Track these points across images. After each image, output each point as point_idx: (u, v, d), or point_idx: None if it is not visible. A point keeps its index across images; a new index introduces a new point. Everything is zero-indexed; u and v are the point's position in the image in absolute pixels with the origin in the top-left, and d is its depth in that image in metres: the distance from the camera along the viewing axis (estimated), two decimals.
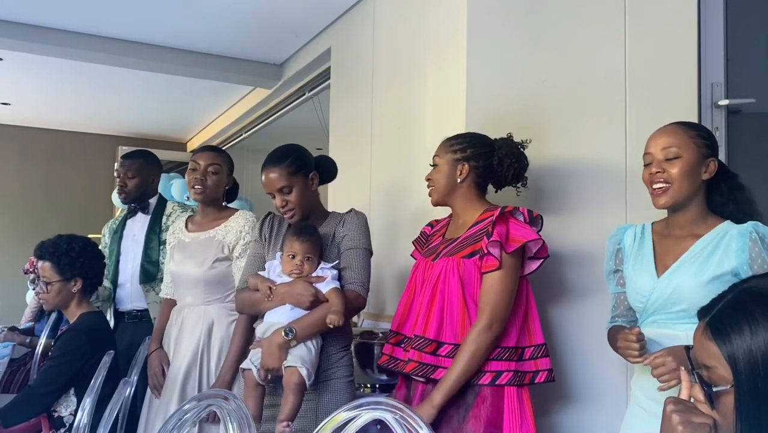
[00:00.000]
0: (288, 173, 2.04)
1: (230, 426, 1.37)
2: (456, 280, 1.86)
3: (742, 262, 1.58)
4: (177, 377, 2.41)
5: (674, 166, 1.65)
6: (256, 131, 5.90)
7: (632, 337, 1.59)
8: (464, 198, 2.00)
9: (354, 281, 2.03)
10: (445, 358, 1.85)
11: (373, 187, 3.28)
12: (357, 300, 2.02)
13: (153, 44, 4.44)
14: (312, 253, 2.02)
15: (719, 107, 2.36)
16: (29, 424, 2.42)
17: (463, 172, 1.98)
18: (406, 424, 1.25)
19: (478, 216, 1.96)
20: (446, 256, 1.93)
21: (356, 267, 2.05)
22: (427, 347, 1.86)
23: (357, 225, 2.11)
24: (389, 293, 3.02)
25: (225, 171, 2.54)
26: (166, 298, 2.63)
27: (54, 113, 6.39)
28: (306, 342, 1.94)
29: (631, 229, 1.82)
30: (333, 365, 2.05)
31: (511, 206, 1.91)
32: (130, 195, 3.09)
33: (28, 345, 3.71)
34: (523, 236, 1.84)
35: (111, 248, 3.15)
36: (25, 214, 6.78)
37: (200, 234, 2.53)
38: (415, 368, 1.87)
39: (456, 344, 1.85)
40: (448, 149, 2.01)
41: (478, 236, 1.89)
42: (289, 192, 2.05)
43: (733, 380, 1.02)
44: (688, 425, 1.06)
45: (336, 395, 2.02)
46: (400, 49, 3.09)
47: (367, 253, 2.09)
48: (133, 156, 3.16)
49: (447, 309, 1.87)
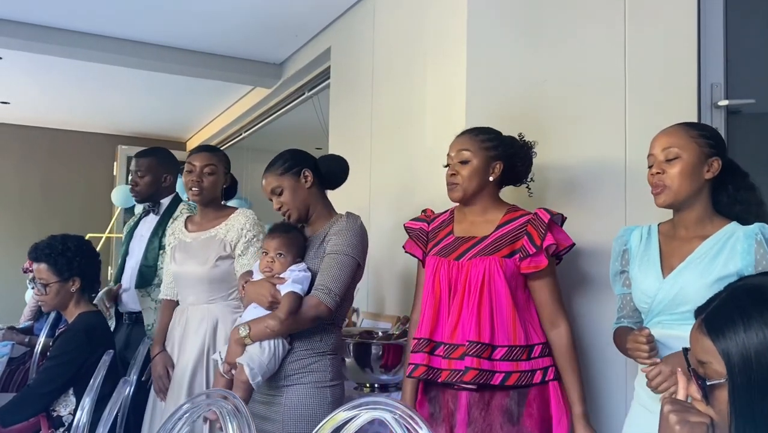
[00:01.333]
0: (277, 174, 2.08)
1: (229, 426, 1.37)
2: (502, 280, 1.84)
3: (747, 264, 1.58)
4: (184, 376, 2.40)
5: (673, 167, 1.66)
6: (256, 131, 5.90)
7: (642, 339, 1.59)
8: (489, 197, 1.97)
9: (320, 288, 1.96)
10: (500, 361, 1.81)
11: (372, 186, 3.28)
12: (317, 307, 1.94)
13: (152, 43, 4.44)
14: (284, 249, 2.01)
15: (719, 108, 2.36)
16: (28, 423, 2.42)
17: (495, 171, 1.95)
18: (406, 423, 1.25)
19: (503, 215, 1.94)
20: (482, 255, 1.88)
21: (327, 272, 1.98)
22: (484, 353, 1.81)
23: (345, 229, 2.04)
24: (389, 292, 3.02)
25: (221, 170, 2.52)
26: (166, 299, 2.62)
27: (54, 112, 6.39)
28: (261, 342, 1.93)
29: (637, 230, 1.82)
30: (301, 369, 1.99)
31: (552, 210, 1.90)
32: (141, 194, 3.04)
33: (27, 344, 3.70)
34: (563, 240, 1.88)
35: (123, 247, 3.14)
36: (24, 213, 6.78)
37: (201, 234, 2.52)
38: (476, 376, 1.80)
39: (509, 346, 1.82)
40: (480, 145, 1.94)
41: (515, 236, 1.88)
42: (281, 193, 2.07)
43: (727, 374, 1.03)
44: (686, 425, 1.06)
45: (299, 400, 1.97)
46: (400, 49, 3.09)
47: (347, 259, 2.00)
48: (145, 154, 3.09)
49: (497, 310, 1.83)
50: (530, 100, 2.41)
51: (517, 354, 1.83)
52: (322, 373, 2.01)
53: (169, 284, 2.61)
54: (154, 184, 3.04)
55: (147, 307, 2.92)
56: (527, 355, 1.85)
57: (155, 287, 2.88)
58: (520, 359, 1.83)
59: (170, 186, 3.11)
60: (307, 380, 1.99)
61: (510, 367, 1.82)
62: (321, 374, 2.01)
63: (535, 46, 2.44)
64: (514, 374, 1.81)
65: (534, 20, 2.46)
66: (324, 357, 2.03)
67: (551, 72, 2.42)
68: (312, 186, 2.11)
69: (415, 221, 2.11)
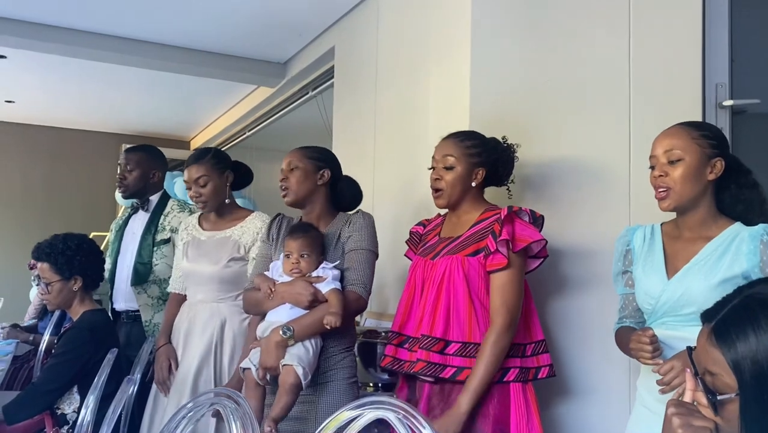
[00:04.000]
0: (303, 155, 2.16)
1: (233, 426, 1.37)
2: (461, 278, 1.87)
3: (753, 265, 1.57)
4: (189, 373, 2.40)
5: (676, 169, 1.65)
6: (260, 130, 5.89)
7: (645, 339, 1.58)
8: (472, 199, 2.00)
9: (355, 282, 2.02)
10: (453, 356, 1.85)
11: (376, 185, 3.28)
12: (358, 302, 2.02)
13: (156, 42, 4.44)
14: (308, 250, 2.02)
15: (724, 108, 2.35)
16: (33, 421, 2.42)
17: (478, 177, 1.98)
18: (409, 423, 1.25)
19: (479, 215, 1.97)
20: (449, 254, 1.93)
21: (358, 268, 2.04)
22: (434, 346, 1.86)
23: (362, 226, 2.10)
24: (392, 291, 3.01)
25: (215, 175, 2.48)
26: (174, 292, 2.62)
27: (57, 111, 6.40)
28: (304, 342, 1.93)
29: (640, 230, 1.81)
30: (334, 366, 2.04)
31: (516, 207, 1.91)
32: (129, 189, 3.05)
33: (31, 342, 3.72)
34: (529, 235, 1.87)
35: (113, 246, 3.14)
36: (28, 211, 6.79)
37: (216, 233, 2.53)
38: (424, 367, 1.87)
39: (463, 342, 1.85)
40: (464, 151, 1.97)
41: (482, 235, 1.90)
42: (292, 170, 2.13)
43: (738, 388, 1.00)
44: (689, 429, 1.05)
45: (335, 397, 2.01)
46: (404, 48, 3.09)
47: (370, 254, 2.08)
48: (135, 149, 3.12)
49: (453, 307, 1.87)
50: (533, 99, 2.41)
51: (471, 351, 1.84)
52: (350, 369, 2.08)
53: (178, 278, 2.61)
54: (142, 179, 3.04)
55: (144, 304, 2.92)
56: None
57: (151, 283, 2.89)
58: (473, 356, 1.84)
59: (158, 183, 3.12)
60: (339, 376, 2.04)
61: (462, 363, 1.84)
62: (349, 370, 2.07)
63: (539, 46, 2.44)
64: (466, 370, 1.83)
65: (538, 20, 2.46)
66: (350, 353, 2.10)
67: (555, 72, 2.42)
68: (323, 186, 2.16)
69: (416, 225, 2.19)
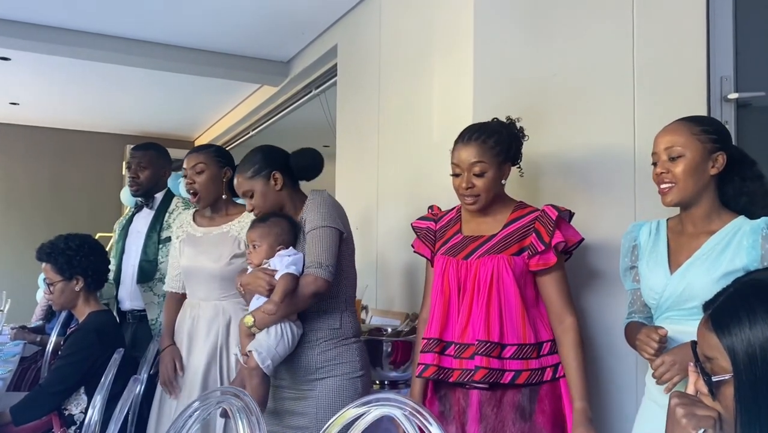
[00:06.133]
0: (247, 177, 2.11)
1: (240, 423, 1.38)
2: (511, 278, 1.83)
3: (753, 259, 1.57)
4: (197, 373, 2.38)
5: (678, 166, 1.65)
6: (264, 129, 5.91)
7: (655, 336, 1.58)
8: (499, 196, 1.96)
9: (310, 265, 1.98)
10: (510, 360, 1.81)
11: (380, 183, 3.28)
12: (315, 283, 1.96)
13: (160, 43, 4.46)
14: (258, 240, 2.03)
15: (729, 101, 2.34)
16: (40, 422, 2.43)
17: (506, 175, 1.94)
18: (416, 420, 1.25)
19: (510, 213, 1.93)
20: (489, 254, 1.87)
21: (313, 249, 2.00)
22: (493, 352, 1.81)
23: (315, 205, 2.06)
24: (397, 288, 3.01)
25: (214, 166, 2.47)
26: (171, 291, 2.58)
27: (62, 113, 6.43)
28: (268, 329, 1.95)
29: (646, 225, 1.82)
30: (330, 361, 2.01)
31: (562, 207, 1.89)
32: (143, 187, 3.04)
33: (38, 343, 3.73)
34: (572, 235, 1.88)
35: (117, 245, 3.13)
36: (34, 213, 6.82)
37: (213, 229, 2.50)
38: (486, 375, 1.80)
39: (519, 344, 1.82)
40: (492, 152, 1.88)
41: (523, 233, 1.87)
42: (252, 196, 2.11)
43: (732, 370, 1.04)
44: (692, 418, 1.07)
45: (334, 393, 1.99)
46: (407, 45, 3.08)
47: (325, 231, 2.01)
48: (144, 147, 3.10)
49: (506, 309, 1.83)
50: (538, 95, 2.40)
51: (527, 352, 1.83)
52: (351, 364, 2.04)
53: (175, 277, 2.56)
54: (154, 177, 3.05)
55: (150, 302, 2.91)
56: (537, 353, 1.84)
57: (157, 281, 2.89)
58: (530, 357, 1.83)
59: (166, 179, 3.14)
60: (338, 372, 2.01)
61: (520, 365, 1.81)
62: (350, 364, 2.04)
63: (543, 41, 2.43)
64: (524, 373, 1.81)
65: (541, 14, 2.45)
66: (350, 345, 2.06)
67: (559, 66, 2.41)
68: (282, 187, 2.12)
69: (421, 220, 2.10)
